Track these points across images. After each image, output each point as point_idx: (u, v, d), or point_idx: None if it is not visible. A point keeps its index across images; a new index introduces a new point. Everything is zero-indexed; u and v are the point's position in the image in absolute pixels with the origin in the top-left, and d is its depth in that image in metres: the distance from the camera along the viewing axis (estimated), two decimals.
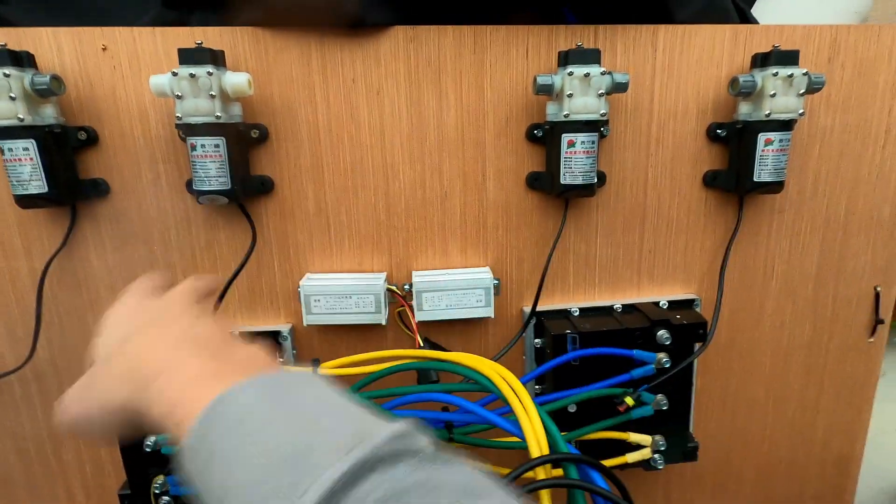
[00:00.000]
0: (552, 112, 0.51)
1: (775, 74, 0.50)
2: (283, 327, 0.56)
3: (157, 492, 0.50)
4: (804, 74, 0.50)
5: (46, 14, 0.55)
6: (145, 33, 0.50)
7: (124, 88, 0.51)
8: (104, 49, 0.50)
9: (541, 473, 0.34)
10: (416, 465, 0.22)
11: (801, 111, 0.51)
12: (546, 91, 0.50)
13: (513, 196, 0.56)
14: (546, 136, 0.53)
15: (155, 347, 0.29)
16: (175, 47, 0.46)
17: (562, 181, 0.52)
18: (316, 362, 0.48)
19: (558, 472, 0.37)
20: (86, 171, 0.52)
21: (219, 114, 0.47)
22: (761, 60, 0.52)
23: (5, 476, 0.60)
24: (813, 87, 0.51)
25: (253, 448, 0.23)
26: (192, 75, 0.45)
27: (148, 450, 0.49)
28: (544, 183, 0.55)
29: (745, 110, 0.53)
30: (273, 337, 0.56)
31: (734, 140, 0.55)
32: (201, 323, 0.31)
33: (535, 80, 0.50)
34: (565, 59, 0.49)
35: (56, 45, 0.49)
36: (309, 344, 0.58)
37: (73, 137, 0.50)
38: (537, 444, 0.35)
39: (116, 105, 0.51)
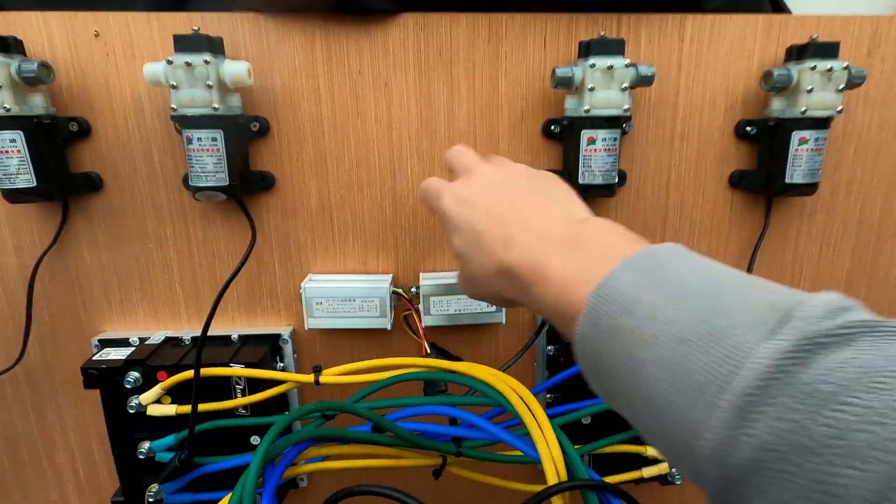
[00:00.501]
0: (571, 106, 0.48)
1: (813, 68, 0.46)
2: (284, 330, 0.54)
3: (151, 500, 0.48)
4: (844, 68, 0.46)
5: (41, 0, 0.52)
6: (140, 18, 0.47)
7: (118, 77, 0.48)
8: (97, 35, 0.47)
9: (557, 502, 0.31)
10: (881, 340, 0.18)
11: (839, 108, 0.47)
12: (565, 84, 0.46)
13: None
14: (564, 132, 0.50)
15: (524, 252, 0.29)
16: (171, 33, 0.43)
17: (580, 180, 0.48)
18: (318, 369, 0.46)
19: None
20: (78, 165, 0.50)
21: (216, 105, 0.44)
22: (797, 53, 0.48)
23: None
24: (854, 82, 0.47)
25: (654, 329, 0.21)
26: (188, 64, 0.42)
27: (142, 457, 0.47)
28: None
29: (778, 106, 0.49)
30: (273, 340, 0.53)
31: (765, 138, 0.51)
32: (545, 208, 0.31)
33: (553, 72, 0.46)
34: (587, 49, 0.46)
35: (46, 31, 0.47)
36: (310, 348, 0.56)
37: (63, 128, 0.48)
38: (554, 469, 0.32)
39: (110, 94, 0.48)
